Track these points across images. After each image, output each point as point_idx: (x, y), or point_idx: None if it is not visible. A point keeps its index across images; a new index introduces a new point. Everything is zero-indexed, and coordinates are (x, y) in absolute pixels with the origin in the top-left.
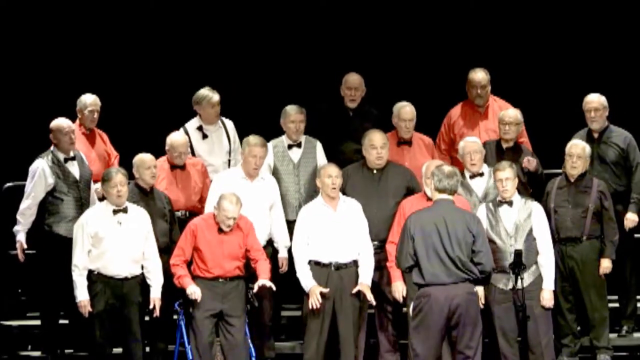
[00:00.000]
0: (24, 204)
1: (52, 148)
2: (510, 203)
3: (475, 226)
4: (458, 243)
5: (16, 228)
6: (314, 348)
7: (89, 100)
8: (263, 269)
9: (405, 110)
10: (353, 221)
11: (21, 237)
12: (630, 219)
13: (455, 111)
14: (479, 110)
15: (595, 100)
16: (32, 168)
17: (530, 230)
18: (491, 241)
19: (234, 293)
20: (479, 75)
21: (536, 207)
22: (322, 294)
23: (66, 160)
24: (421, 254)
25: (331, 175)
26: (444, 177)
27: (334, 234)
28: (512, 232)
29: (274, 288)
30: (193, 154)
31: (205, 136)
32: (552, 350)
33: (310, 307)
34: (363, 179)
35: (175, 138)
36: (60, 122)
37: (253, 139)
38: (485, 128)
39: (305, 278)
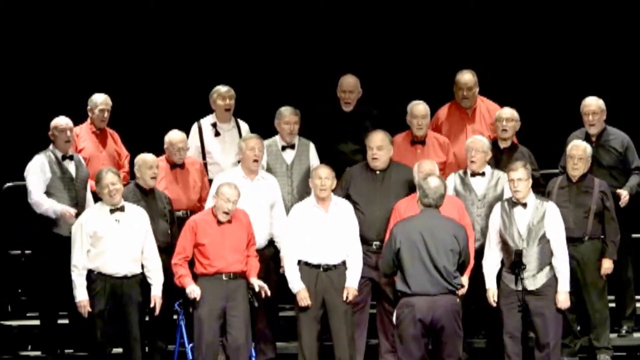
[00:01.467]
0: (35, 196)
1: (50, 146)
2: (524, 205)
3: (462, 235)
4: (445, 253)
5: (46, 208)
6: (308, 349)
7: (100, 100)
8: (253, 266)
9: (417, 108)
10: (343, 223)
11: (58, 208)
12: (622, 192)
13: (443, 112)
14: (466, 112)
15: (593, 104)
16: (30, 164)
17: (544, 233)
18: (504, 242)
19: (237, 293)
20: (466, 77)
21: (550, 209)
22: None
23: (64, 158)
24: (407, 263)
25: (321, 177)
26: (430, 192)
27: (323, 235)
28: (524, 234)
29: (267, 289)
30: (203, 149)
31: (217, 134)
32: (559, 351)
33: (301, 305)
34: (366, 180)
35: (173, 135)
36: (58, 120)
37: (247, 134)
38: (473, 130)
39: (294, 280)
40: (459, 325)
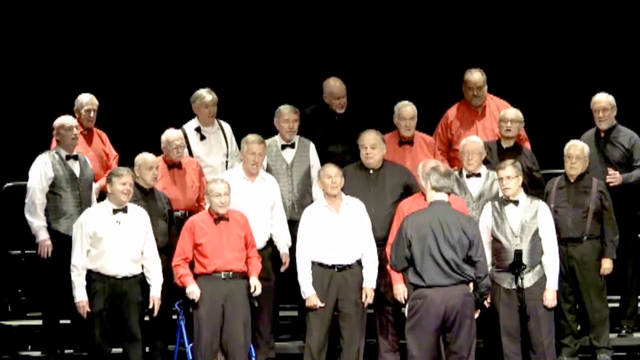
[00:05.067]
0: (32, 198)
1: (54, 147)
2: (516, 202)
3: (471, 229)
4: (452, 246)
5: (36, 225)
6: (315, 348)
7: (86, 100)
8: (254, 267)
9: (405, 110)
10: (356, 222)
11: (44, 235)
12: (613, 171)
13: (452, 111)
14: (476, 110)
15: (603, 100)
16: (34, 163)
17: (536, 230)
18: (496, 240)
19: (237, 293)
20: (475, 77)
21: (542, 207)
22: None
23: (68, 157)
24: (417, 257)
25: (330, 175)
26: (440, 177)
27: (336, 236)
28: (517, 231)
29: (259, 289)
30: (191, 154)
31: (203, 137)
32: (553, 350)
33: (311, 307)
34: (360, 179)
35: (170, 133)
36: (64, 120)
37: (251, 136)
38: (483, 128)
39: (306, 284)
40: (472, 314)
